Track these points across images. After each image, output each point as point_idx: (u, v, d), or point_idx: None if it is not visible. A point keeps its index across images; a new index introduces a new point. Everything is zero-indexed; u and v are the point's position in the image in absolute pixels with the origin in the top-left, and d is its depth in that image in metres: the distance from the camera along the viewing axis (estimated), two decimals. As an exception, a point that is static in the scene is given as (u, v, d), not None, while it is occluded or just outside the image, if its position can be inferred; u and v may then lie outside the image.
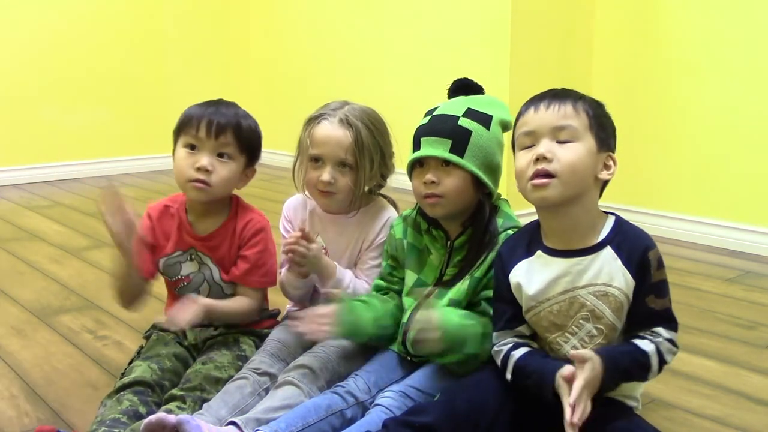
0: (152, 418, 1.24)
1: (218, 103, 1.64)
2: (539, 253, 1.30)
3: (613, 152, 1.30)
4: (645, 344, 1.23)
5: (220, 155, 1.60)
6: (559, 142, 1.24)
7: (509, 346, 1.33)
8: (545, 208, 1.28)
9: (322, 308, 1.45)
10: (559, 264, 1.27)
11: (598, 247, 1.26)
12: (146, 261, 1.64)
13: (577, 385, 1.17)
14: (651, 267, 1.23)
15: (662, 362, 1.24)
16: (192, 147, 1.61)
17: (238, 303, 1.67)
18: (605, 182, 1.30)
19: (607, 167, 1.27)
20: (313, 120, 1.64)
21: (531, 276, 1.29)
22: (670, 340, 1.24)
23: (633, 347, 1.23)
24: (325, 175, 1.59)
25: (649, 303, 1.23)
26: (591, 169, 1.25)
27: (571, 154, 1.22)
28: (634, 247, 1.24)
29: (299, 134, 1.67)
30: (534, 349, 1.33)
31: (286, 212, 1.76)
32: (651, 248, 1.25)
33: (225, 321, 1.66)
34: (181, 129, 1.63)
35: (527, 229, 1.37)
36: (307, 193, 1.69)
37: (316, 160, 1.61)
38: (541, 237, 1.32)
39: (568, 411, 1.16)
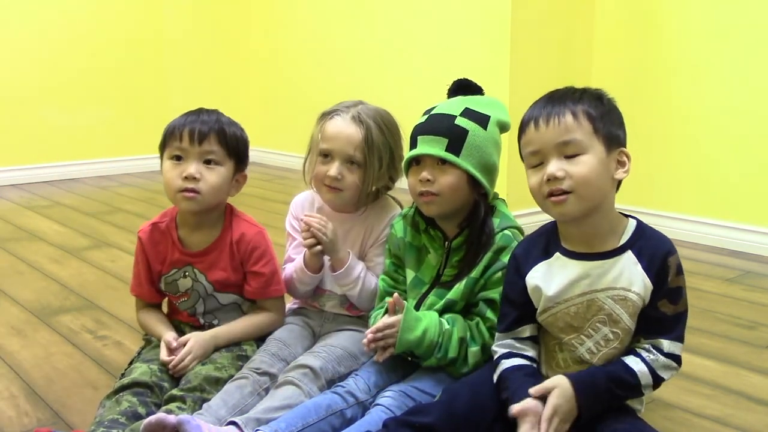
0: (152, 418, 1.23)
1: (199, 112, 1.63)
2: (558, 255, 1.29)
3: (624, 145, 1.27)
4: (635, 362, 1.22)
5: (207, 162, 1.59)
6: (567, 156, 1.21)
7: (505, 351, 1.34)
8: (567, 221, 1.27)
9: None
10: (579, 266, 1.26)
11: (619, 251, 1.25)
12: (148, 290, 1.68)
13: (546, 414, 1.19)
14: (669, 273, 1.22)
15: (658, 379, 1.23)
16: (177, 158, 1.59)
17: (256, 321, 1.66)
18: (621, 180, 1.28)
19: (621, 164, 1.25)
20: (326, 115, 1.64)
21: (550, 278, 1.29)
22: (671, 355, 1.23)
23: (618, 365, 1.23)
24: (333, 170, 1.59)
25: (661, 307, 1.23)
26: (605, 175, 1.23)
27: (583, 169, 1.20)
28: (655, 252, 1.23)
29: (304, 132, 1.67)
30: (523, 364, 1.32)
31: (294, 209, 1.76)
32: (672, 254, 1.24)
33: (245, 339, 1.65)
34: (165, 142, 1.62)
35: (543, 231, 1.36)
36: (314, 187, 1.68)
37: (326, 156, 1.62)
38: (559, 239, 1.31)
39: None
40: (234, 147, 1.62)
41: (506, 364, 1.32)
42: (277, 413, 1.36)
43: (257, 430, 1.30)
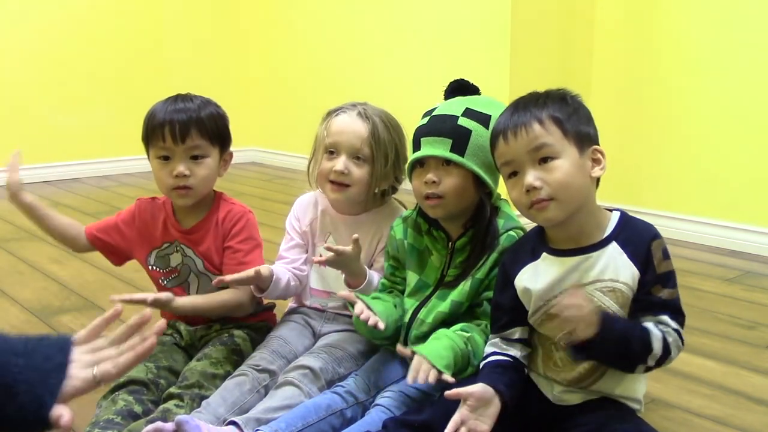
0: (150, 428, 1.24)
1: (175, 101, 1.64)
2: (545, 255, 1.29)
3: (597, 143, 1.27)
4: (650, 326, 1.19)
5: (194, 157, 1.61)
6: (542, 161, 1.21)
7: (490, 351, 1.35)
8: (554, 226, 1.27)
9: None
10: (566, 262, 1.26)
11: (603, 243, 1.25)
12: (96, 236, 1.72)
13: (454, 418, 1.20)
14: (654, 257, 1.22)
15: (666, 351, 1.19)
16: (164, 158, 1.61)
17: (221, 297, 1.63)
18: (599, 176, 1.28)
19: (596, 162, 1.25)
20: (331, 113, 1.65)
21: (537, 277, 1.28)
22: (678, 332, 1.21)
23: (636, 323, 1.20)
24: (339, 164, 1.58)
25: (655, 292, 1.21)
26: (582, 176, 1.23)
27: (558, 174, 1.20)
28: (639, 240, 1.23)
29: (304, 132, 1.66)
30: (501, 360, 1.32)
31: (297, 209, 1.75)
32: (655, 239, 1.23)
33: (209, 315, 1.65)
34: (148, 139, 1.63)
35: (529, 235, 1.36)
36: (319, 186, 1.67)
37: (331, 152, 1.61)
38: (546, 241, 1.31)
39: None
40: (216, 133, 1.63)
41: (485, 361, 1.34)
42: (277, 413, 1.36)
43: (257, 430, 1.30)
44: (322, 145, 1.62)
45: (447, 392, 1.23)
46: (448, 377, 1.30)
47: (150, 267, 1.70)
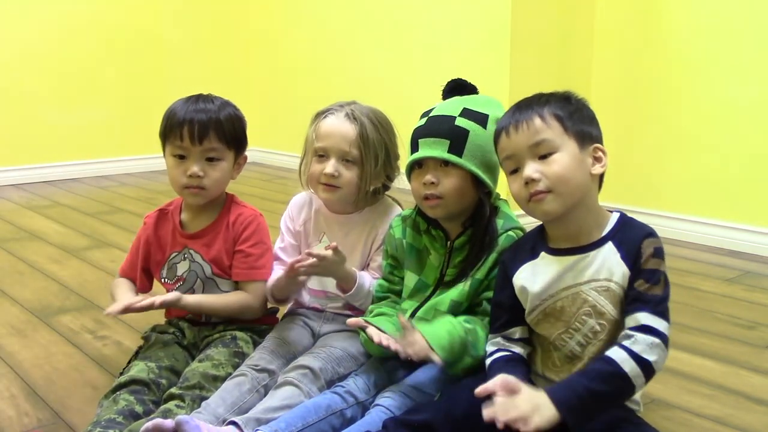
0: (149, 425, 1.24)
1: (197, 100, 1.65)
2: (543, 254, 1.30)
3: (600, 142, 1.28)
4: (613, 351, 1.17)
5: (209, 159, 1.62)
6: (541, 157, 1.23)
7: (494, 349, 1.35)
8: (552, 221, 1.28)
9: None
10: (563, 261, 1.27)
11: (600, 243, 1.25)
12: (141, 279, 1.73)
13: (487, 412, 1.17)
14: (643, 254, 1.21)
15: (643, 362, 1.15)
16: (180, 156, 1.62)
17: (230, 298, 1.66)
18: (602, 175, 1.29)
19: (597, 160, 1.26)
20: (319, 115, 1.65)
21: (535, 276, 1.29)
22: (651, 329, 1.16)
23: (595, 361, 1.19)
24: (329, 167, 1.59)
25: (638, 287, 1.20)
26: (581, 171, 1.24)
27: (557, 167, 1.22)
28: (632, 239, 1.24)
29: (304, 132, 1.67)
30: (509, 357, 1.32)
31: (291, 209, 1.76)
32: (648, 237, 1.23)
33: (216, 315, 1.67)
34: (165, 136, 1.65)
35: (530, 234, 1.37)
36: (310, 188, 1.68)
37: (321, 155, 1.62)
38: (546, 240, 1.32)
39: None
40: (233, 137, 1.65)
41: (491, 358, 1.34)
42: (276, 413, 1.36)
43: (257, 430, 1.30)
44: (312, 147, 1.63)
45: (476, 390, 1.19)
46: (436, 357, 1.32)
47: (162, 280, 1.72)
